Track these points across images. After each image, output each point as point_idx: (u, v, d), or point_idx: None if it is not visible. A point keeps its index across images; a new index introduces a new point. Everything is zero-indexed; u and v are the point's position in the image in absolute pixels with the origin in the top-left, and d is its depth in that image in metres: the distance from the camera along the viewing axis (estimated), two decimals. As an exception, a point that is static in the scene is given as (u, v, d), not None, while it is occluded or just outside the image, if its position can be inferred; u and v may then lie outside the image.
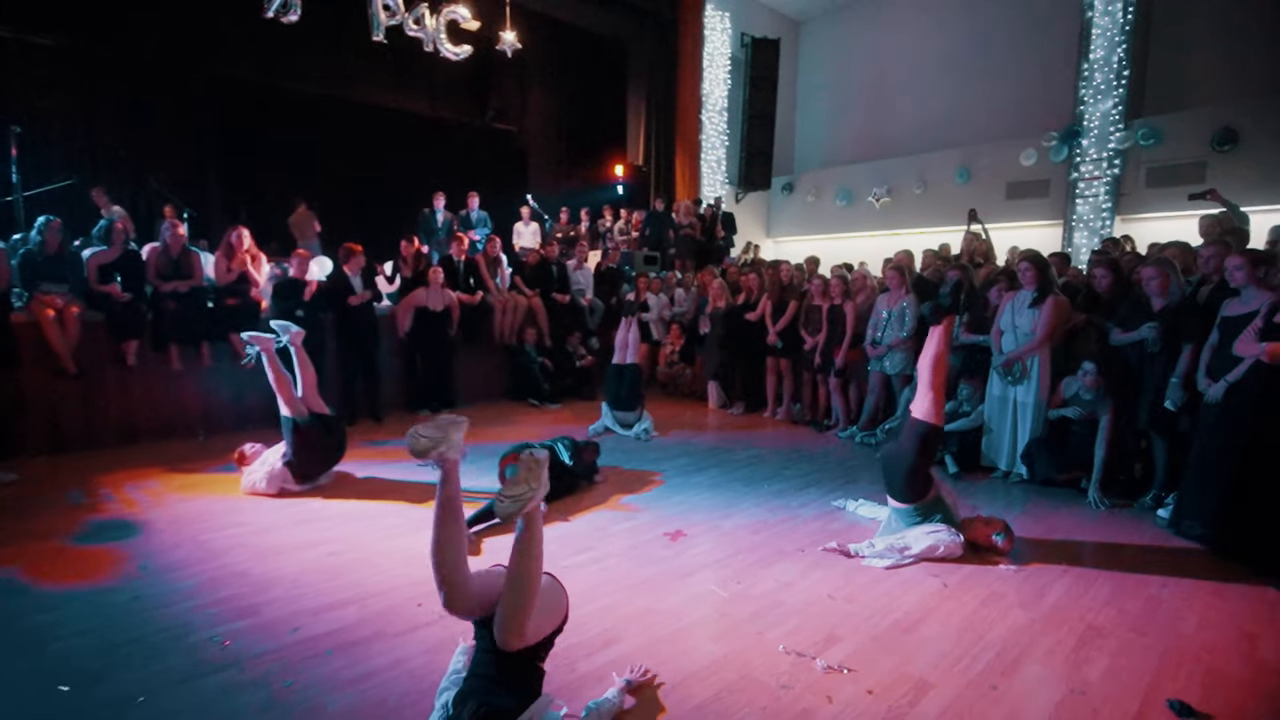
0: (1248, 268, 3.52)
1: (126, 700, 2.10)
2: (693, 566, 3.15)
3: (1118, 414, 4.08)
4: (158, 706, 2.07)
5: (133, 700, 2.10)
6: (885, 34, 11.64)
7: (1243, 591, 2.98)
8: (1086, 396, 4.17)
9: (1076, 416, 4.23)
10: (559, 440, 4.36)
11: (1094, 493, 4.07)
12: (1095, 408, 4.12)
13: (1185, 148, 8.21)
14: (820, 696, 2.17)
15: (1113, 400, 4.06)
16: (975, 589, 2.95)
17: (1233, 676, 2.32)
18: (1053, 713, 2.10)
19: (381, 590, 2.86)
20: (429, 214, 8.50)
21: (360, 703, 2.09)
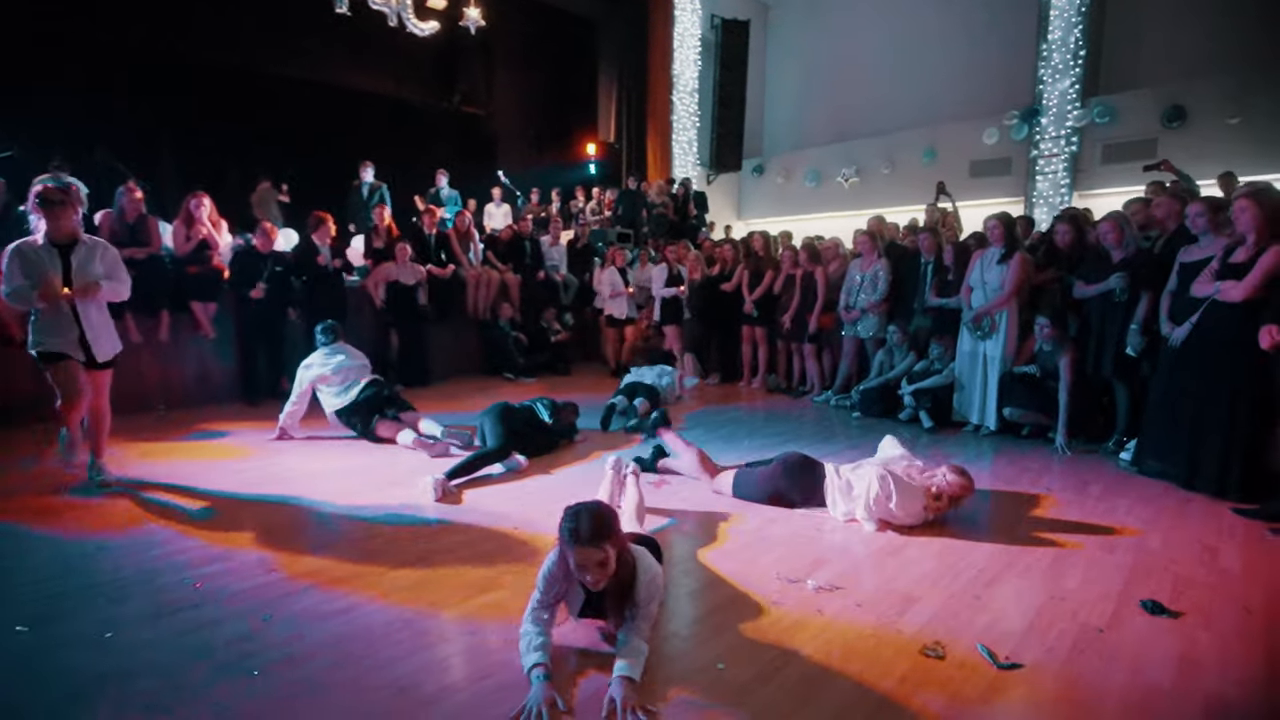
0: (1208, 214, 3.67)
1: (91, 638, 1.99)
2: (676, 509, 3.16)
3: (1077, 361, 4.20)
4: (127, 639, 1.98)
5: (99, 637, 2.00)
6: (852, 16, 11.80)
7: (1202, 514, 3.12)
8: (1046, 349, 4.30)
9: (1038, 373, 4.35)
10: (538, 400, 4.32)
11: (1060, 439, 4.20)
12: (1055, 359, 4.25)
13: (1138, 125, 8.52)
14: (811, 610, 2.19)
15: (1071, 348, 4.20)
16: (952, 522, 3.02)
17: (1198, 582, 2.42)
18: (1034, 616, 2.16)
19: (362, 537, 2.79)
20: (356, 186, 7.95)
21: (343, 633, 2.03)
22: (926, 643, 1.98)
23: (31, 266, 3.03)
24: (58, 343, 3.14)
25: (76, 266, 3.11)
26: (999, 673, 1.84)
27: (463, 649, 1.98)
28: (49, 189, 3.06)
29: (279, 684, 1.76)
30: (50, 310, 3.09)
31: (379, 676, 1.80)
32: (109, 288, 3.20)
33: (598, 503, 1.98)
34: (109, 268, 3.22)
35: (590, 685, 1.77)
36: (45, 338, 3.13)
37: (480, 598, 2.25)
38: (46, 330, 3.13)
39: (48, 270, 3.05)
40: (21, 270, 3.03)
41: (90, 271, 3.14)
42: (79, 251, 3.13)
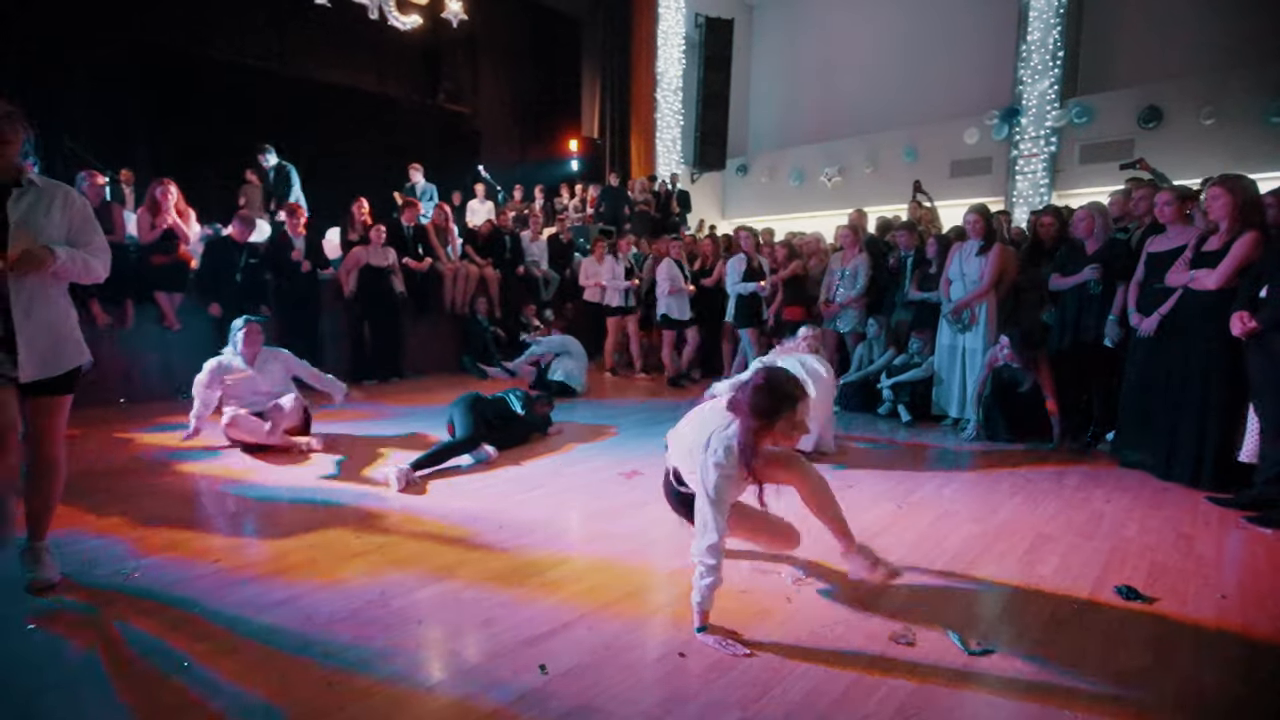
0: (1175, 204, 3.65)
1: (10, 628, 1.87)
2: (648, 499, 3.06)
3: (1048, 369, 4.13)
4: (55, 631, 1.85)
5: (19, 628, 1.87)
6: (835, 16, 11.84)
7: (1178, 502, 3.09)
8: (1014, 366, 4.22)
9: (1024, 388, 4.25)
10: (510, 392, 4.22)
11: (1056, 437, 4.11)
12: (1028, 374, 4.18)
13: (1115, 125, 8.60)
14: (779, 598, 2.11)
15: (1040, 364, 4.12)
16: (928, 509, 2.97)
17: (1173, 568, 2.38)
18: (1008, 602, 2.11)
19: (313, 527, 2.67)
20: (264, 170, 7.43)
21: (286, 620, 1.92)
22: (896, 629, 1.91)
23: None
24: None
25: (16, 221, 1.97)
26: (969, 658, 1.78)
27: (414, 636, 1.87)
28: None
29: (207, 676, 1.65)
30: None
31: (312, 669, 1.69)
32: (71, 259, 2.03)
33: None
34: (75, 227, 2.10)
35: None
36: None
37: (431, 587, 2.15)
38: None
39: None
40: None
41: (39, 229, 1.99)
42: (21, 198, 1.99)
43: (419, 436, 4.08)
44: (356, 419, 4.59)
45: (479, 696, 1.58)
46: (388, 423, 4.53)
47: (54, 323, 2.07)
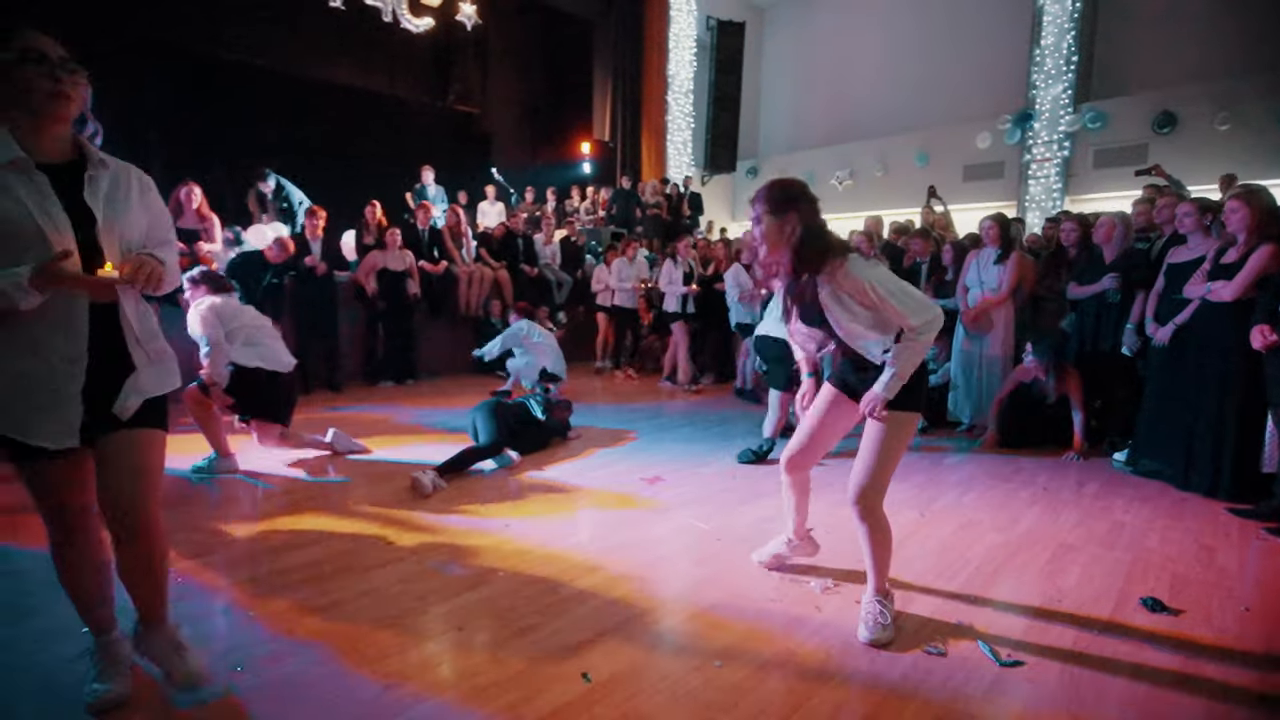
0: (1195, 215, 3.68)
1: (67, 630, 1.92)
2: (672, 505, 3.12)
3: (1079, 378, 4.12)
4: (105, 636, 1.90)
5: (74, 632, 1.92)
6: (846, 20, 11.84)
7: (1198, 513, 3.12)
8: (1041, 379, 4.23)
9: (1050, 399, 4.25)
10: (531, 397, 4.27)
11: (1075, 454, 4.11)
12: (1050, 387, 4.18)
13: (1129, 130, 8.60)
14: (809, 606, 2.15)
15: (1070, 369, 4.12)
16: (950, 518, 3.00)
17: (1196, 580, 2.40)
18: (1034, 614, 2.13)
19: (346, 531, 2.72)
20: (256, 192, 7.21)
21: (329, 628, 1.97)
22: (927, 640, 1.94)
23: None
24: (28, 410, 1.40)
25: (105, 216, 1.44)
26: (1001, 670, 1.81)
27: (457, 642, 1.92)
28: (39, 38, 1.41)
29: (263, 680, 1.70)
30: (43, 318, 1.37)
31: (364, 674, 1.74)
32: (170, 268, 1.52)
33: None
34: (153, 221, 1.56)
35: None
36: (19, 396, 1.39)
37: (468, 595, 2.20)
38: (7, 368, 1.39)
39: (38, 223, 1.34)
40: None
41: (124, 225, 1.48)
42: (96, 183, 1.45)
43: (441, 439, 4.13)
44: (376, 424, 4.65)
45: (525, 704, 1.63)
46: (407, 426, 4.58)
47: (156, 345, 1.58)
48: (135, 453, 1.51)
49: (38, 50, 1.37)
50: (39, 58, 1.37)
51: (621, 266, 7.16)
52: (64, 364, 1.41)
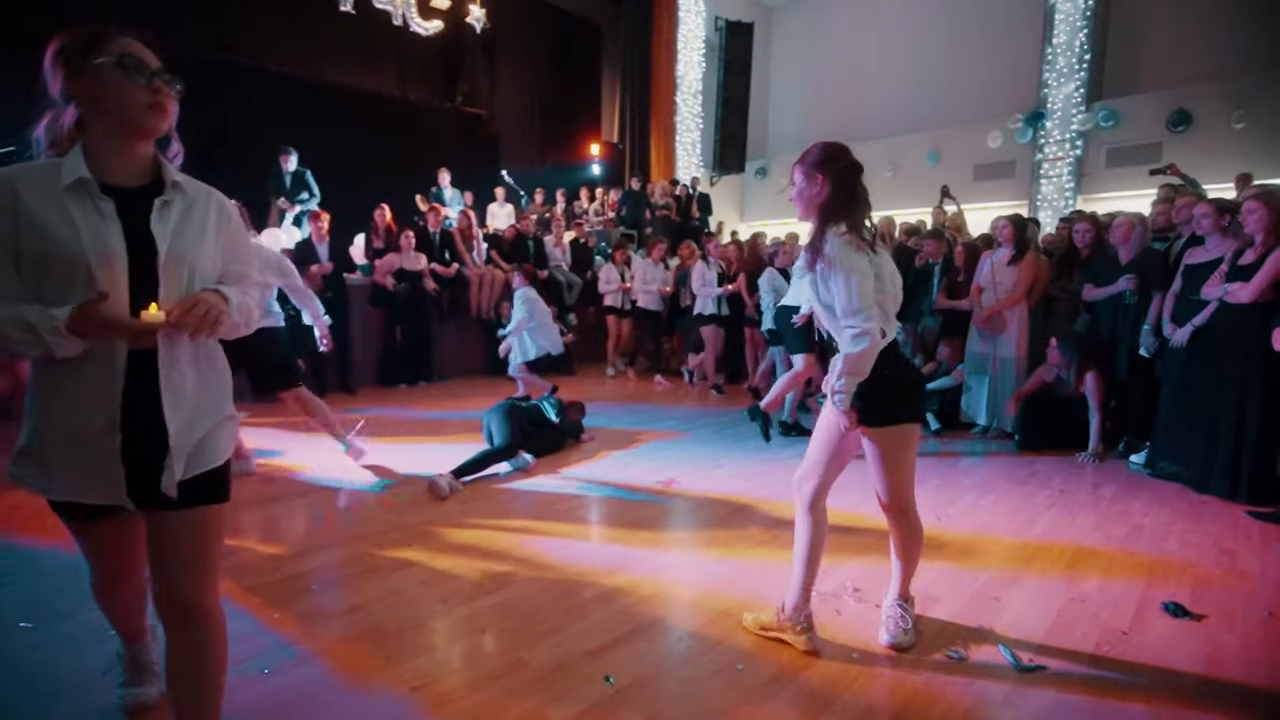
0: (1213, 216, 3.66)
1: (96, 634, 1.96)
2: (689, 507, 3.13)
3: (1101, 380, 4.10)
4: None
5: (103, 634, 1.96)
6: (856, 19, 11.80)
7: (1218, 516, 3.10)
8: (1063, 376, 4.22)
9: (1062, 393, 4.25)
10: (545, 399, 4.29)
11: (1091, 450, 4.09)
12: (1069, 384, 4.16)
13: (1142, 129, 8.52)
14: (830, 611, 2.16)
15: (1094, 368, 4.10)
16: (967, 521, 3.00)
17: (1217, 584, 2.39)
18: (1055, 618, 2.13)
19: (363, 534, 2.75)
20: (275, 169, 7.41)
21: (353, 631, 2.00)
22: (948, 644, 1.95)
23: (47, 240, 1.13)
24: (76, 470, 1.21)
25: (168, 249, 1.21)
26: (1022, 675, 1.82)
27: (482, 644, 1.94)
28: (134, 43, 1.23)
29: (291, 683, 1.73)
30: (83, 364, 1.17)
31: (390, 676, 1.76)
32: (241, 311, 1.30)
33: None
34: (230, 253, 1.34)
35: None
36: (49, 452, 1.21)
37: (489, 597, 2.22)
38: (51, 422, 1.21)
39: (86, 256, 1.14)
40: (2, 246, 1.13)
41: (193, 259, 1.26)
42: (167, 210, 1.24)
43: (456, 440, 4.16)
44: (393, 425, 4.68)
45: (551, 706, 1.64)
46: (423, 427, 4.61)
47: (215, 399, 1.32)
48: (189, 540, 1.27)
49: (136, 57, 1.20)
50: (137, 65, 1.19)
51: (646, 268, 7.11)
52: (99, 419, 1.18)
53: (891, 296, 1.88)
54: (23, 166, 1.17)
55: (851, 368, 1.78)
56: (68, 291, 1.13)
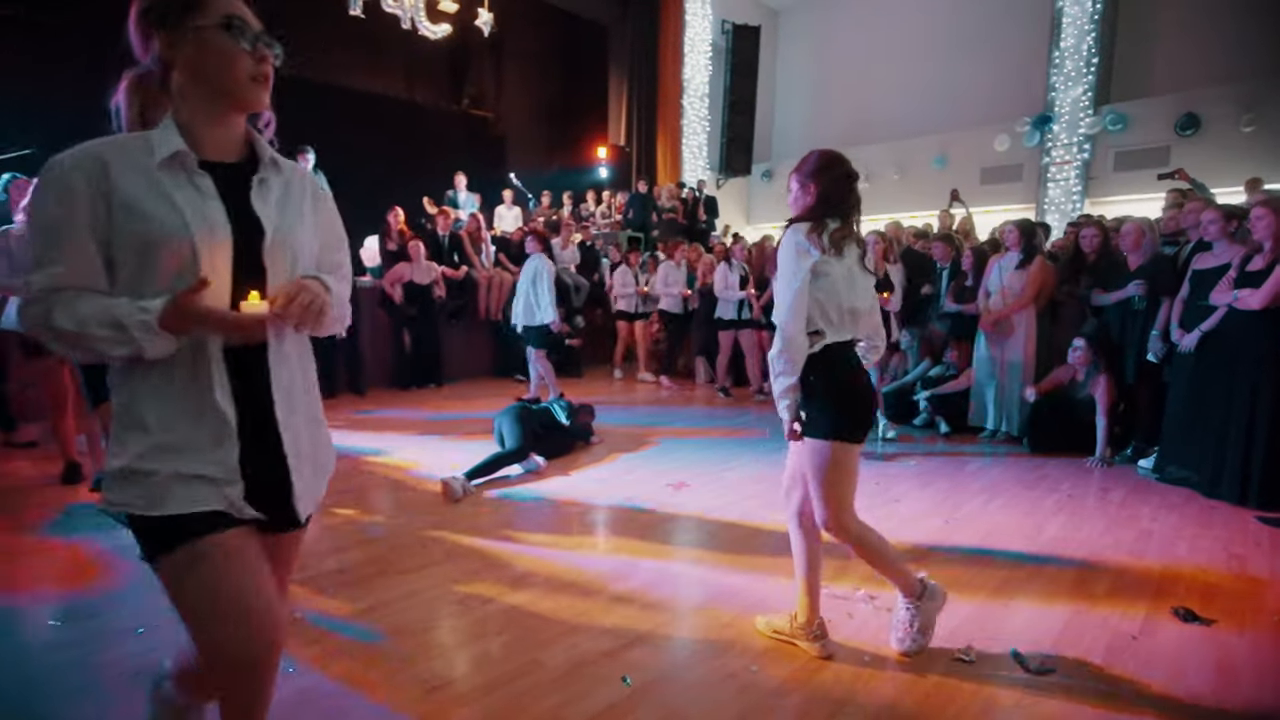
0: (1220, 222, 3.67)
1: (125, 632, 2.00)
2: (700, 510, 3.15)
3: (1110, 384, 4.10)
4: (159, 637, 1.98)
5: (131, 632, 2.00)
6: (863, 23, 11.82)
7: (1227, 522, 3.10)
8: (1080, 379, 4.22)
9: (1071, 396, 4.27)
10: (555, 402, 4.33)
11: (1099, 454, 4.09)
12: (1086, 387, 4.17)
13: (1150, 133, 8.52)
14: (841, 614, 2.18)
15: (1106, 371, 4.12)
16: (976, 525, 3.01)
17: (1227, 590, 2.40)
18: (1065, 623, 2.15)
19: (377, 536, 2.79)
20: None
21: (371, 632, 2.03)
22: (958, 648, 1.97)
23: (148, 222, 0.98)
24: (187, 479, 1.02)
25: (274, 234, 1.08)
26: (1032, 678, 1.83)
27: (499, 645, 1.97)
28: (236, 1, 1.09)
29: (313, 682, 1.76)
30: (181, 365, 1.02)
31: (410, 676, 1.80)
32: (340, 303, 1.18)
33: None
34: (325, 240, 1.23)
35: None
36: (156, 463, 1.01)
37: (504, 599, 2.25)
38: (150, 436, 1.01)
39: (193, 239, 0.99)
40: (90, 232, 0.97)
41: (296, 245, 1.13)
42: (267, 187, 1.10)
43: (468, 441, 4.19)
44: (404, 427, 4.72)
45: (568, 707, 1.67)
46: (434, 429, 4.65)
47: (316, 400, 1.21)
48: (285, 564, 1.21)
49: (241, 18, 1.06)
50: (242, 28, 1.05)
51: (669, 270, 7.06)
52: (209, 428, 1.03)
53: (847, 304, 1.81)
54: (107, 141, 1.02)
55: (779, 369, 1.81)
56: (172, 282, 0.98)
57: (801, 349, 1.79)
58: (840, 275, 1.82)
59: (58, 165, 0.97)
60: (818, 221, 1.82)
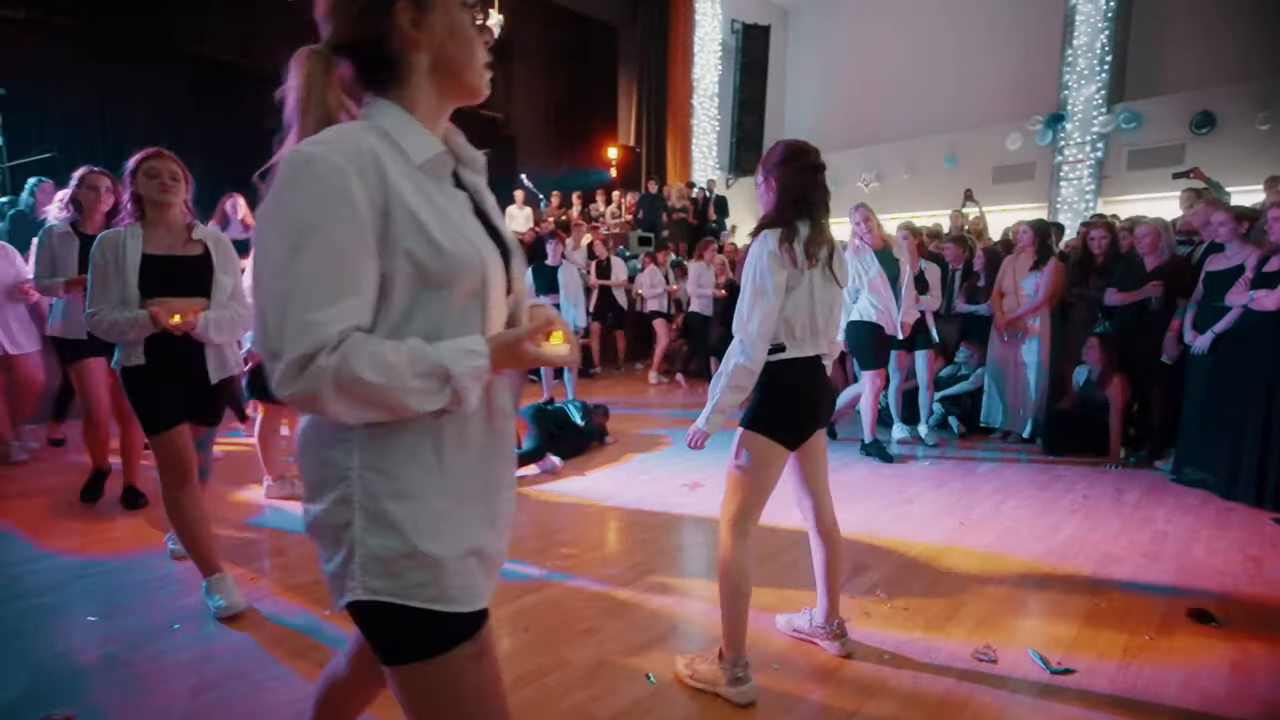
0: (1231, 223, 3.66)
1: (162, 629, 2.06)
2: (715, 510, 3.18)
3: (1123, 386, 4.10)
4: (193, 633, 2.04)
5: (168, 628, 2.07)
6: (872, 21, 11.79)
7: (1243, 524, 3.11)
8: (1094, 379, 4.22)
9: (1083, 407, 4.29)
10: (570, 402, 4.38)
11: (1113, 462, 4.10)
12: (1100, 385, 4.17)
13: (1165, 131, 8.45)
14: (858, 612, 2.21)
15: (1118, 372, 4.12)
16: (990, 526, 3.03)
17: (1243, 592, 2.42)
18: (1082, 623, 2.17)
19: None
20: None
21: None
22: (977, 647, 2.00)
23: (439, 242, 0.81)
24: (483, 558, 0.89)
25: (515, 255, 0.97)
26: (1052, 677, 1.86)
27: (524, 643, 2.02)
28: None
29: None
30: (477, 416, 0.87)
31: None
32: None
33: None
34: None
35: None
36: (445, 541, 0.84)
37: (527, 597, 2.30)
38: (440, 504, 0.86)
39: (485, 264, 0.84)
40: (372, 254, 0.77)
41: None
42: (482, 194, 0.97)
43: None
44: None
45: (595, 703, 1.72)
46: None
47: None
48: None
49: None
50: (475, 3, 0.88)
51: (700, 271, 7.02)
52: (506, 489, 0.92)
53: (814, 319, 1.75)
54: (354, 129, 0.79)
55: (731, 381, 1.72)
56: (468, 319, 0.83)
57: (758, 370, 1.72)
58: (809, 288, 1.73)
59: (322, 160, 0.73)
60: (789, 227, 1.73)
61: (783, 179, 1.76)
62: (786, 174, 1.76)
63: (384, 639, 0.83)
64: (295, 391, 0.71)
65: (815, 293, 1.75)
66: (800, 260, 1.71)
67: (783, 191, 1.76)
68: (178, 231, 2.19)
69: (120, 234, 2.12)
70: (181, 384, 2.17)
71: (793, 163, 1.76)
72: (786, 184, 1.76)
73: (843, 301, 1.91)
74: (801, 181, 1.75)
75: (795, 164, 1.76)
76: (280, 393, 0.72)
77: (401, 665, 0.83)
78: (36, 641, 1.98)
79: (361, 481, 0.79)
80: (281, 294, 0.72)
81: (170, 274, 2.14)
